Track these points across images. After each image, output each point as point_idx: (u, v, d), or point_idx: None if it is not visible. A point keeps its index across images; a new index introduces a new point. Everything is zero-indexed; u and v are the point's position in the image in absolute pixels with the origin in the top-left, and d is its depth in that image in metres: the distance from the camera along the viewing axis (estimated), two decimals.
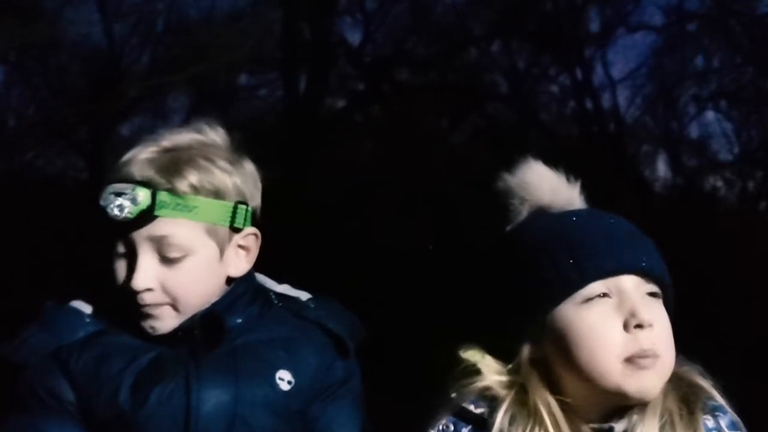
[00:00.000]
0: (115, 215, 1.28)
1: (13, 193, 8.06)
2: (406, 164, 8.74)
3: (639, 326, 1.18)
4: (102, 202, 1.29)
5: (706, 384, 1.24)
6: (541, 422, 1.19)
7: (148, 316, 1.32)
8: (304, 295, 1.48)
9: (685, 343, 1.27)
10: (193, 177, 1.31)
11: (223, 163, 1.35)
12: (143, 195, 1.28)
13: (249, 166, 1.40)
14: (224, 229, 1.35)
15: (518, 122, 10.28)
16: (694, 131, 10.70)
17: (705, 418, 1.22)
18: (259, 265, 1.45)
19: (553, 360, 1.23)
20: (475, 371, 1.24)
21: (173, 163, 1.31)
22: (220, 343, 1.34)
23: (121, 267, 1.32)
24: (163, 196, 1.29)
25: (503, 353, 1.26)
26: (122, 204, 1.28)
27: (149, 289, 1.30)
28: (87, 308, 1.37)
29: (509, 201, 1.33)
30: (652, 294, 1.23)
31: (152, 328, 1.33)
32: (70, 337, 1.33)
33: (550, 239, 1.25)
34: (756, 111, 9.88)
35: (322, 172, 8.91)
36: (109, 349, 1.33)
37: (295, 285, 1.52)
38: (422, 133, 9.45)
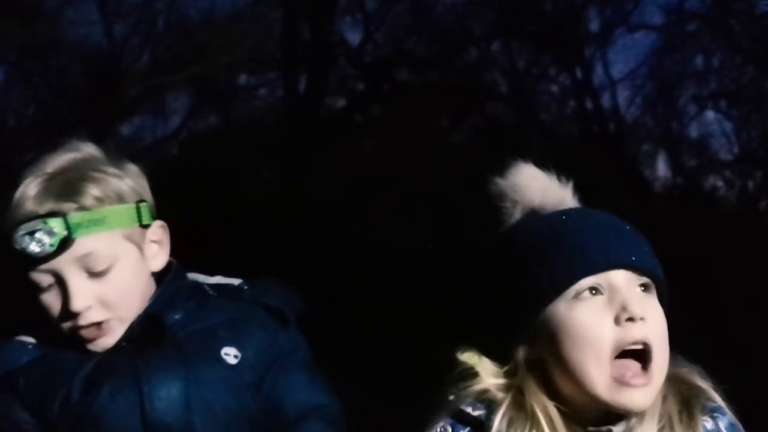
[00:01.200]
0: (36, 253, 1.29)
1: (13, 193, 8.05)
2: (406, 164, 8.74)
3: (630, 319, 1.17)
4: (18, 246, 1.30)
5: (705, 385, 1.24)
6: (538, 425, 1.19)
7: (95, 336, 1.34)
8: (236, 281, 1.51)
9: (685, 343, 1.27)
10: (93, 190, 1.34)
11: (111, 170, 1.38)
12: (57, 224, 1.30)
13: (132, 166, 1.44)
14: (137, 230, 1.39)
15: (518, 122, 10.27)
16: (694, 131, 10.69)
17: (704, 420, 1.22)
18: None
19: (547, 361, 1.23)
20: (472, 373, 1.24)
21: (68, 184, 1.34)
22: (163, 340, 1.36)
23: (52, 297, 1.34)
24: (74, 218, 1.31)
25: (502, 354, 1.26)
26: (40, 239, 1.29)
27: (88, 308, 1.32)
28: (30, 339, 1.40)
29: (502, 204, 1.34)
30: (644, 289, 1.22)
31: (101, 346, 1.35)
32: (15, 363, 1.36)
33: (540, 239, 1.26)
34: (756, 111, 9.87)
35: (322, 172, 8.90)
36: (54, 365, 1.36)
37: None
38: (422, 133, 9.45)
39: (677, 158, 10.49)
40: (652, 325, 1.19)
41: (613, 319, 1.18)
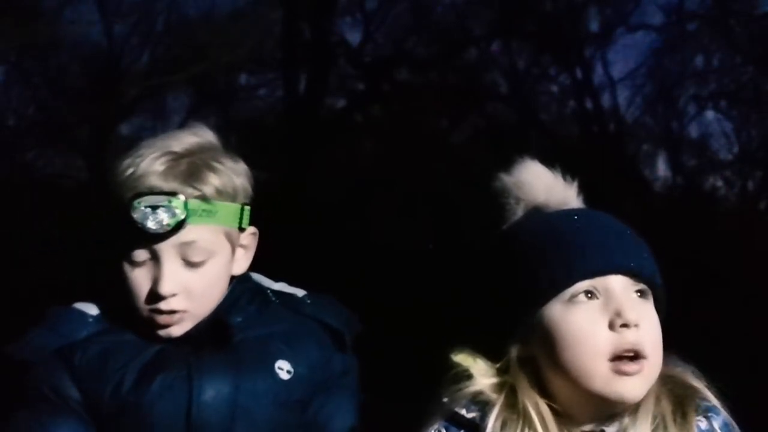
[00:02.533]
0: (153, 229, 1.29)
1: (13, 193, 8.06)
2: (406, 164, 8.75)
3: (624, 325, 1.18)
4: (137, 216, 1.29)
5: (699, 385, 1.24)
6: (530, 424, 1.19)
7: (167, 323, 1.33)
8: (300, 292, 1.50)
9: (684, 343, 1.27)
10: (215, 181, 1.34)
11: (231, 165, 1.38)
12: (179, 206, 1.30)
13: (244, 166, 1.42)
14: (235, 230, 1.39)
15: (518, 122, 10.28)
16: (694, 131, 10.71)
17: (698, 420, 1.22)
18: (260, 265, 1.47)
19: (541, 360, 1.23)
20: (466, 375, 1.24)
21: (193, 170, 1.33)
22: (225, 345, 1.35)
23: (141, 274, 1.33)
24: (193, 204, 1.31)
25: (500, 354, 1.26)
26: (159, 217, 1.29)
27: (174, 295, 1.32)
28: (91, 310, 1.39)
29: (505, 200, 1.33)
30: (641, 294, 1.22)
31: (168, 334, 1.34)
32: (73, 336, 1.35)
33: (541, 238, 1.25)
34: (756, 111, 9.88)
35: (322, 172, 8.91)
36: (112, 346, 1.34)
37: (296, 285, 1.52)
38: (422, 133, 9.45)
39: (677, 158, 10.50)
40: (646, 331, 1.19)
41: (607, 324, 1.18)
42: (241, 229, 1.40)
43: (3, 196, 7.77)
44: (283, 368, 1.37)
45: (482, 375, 1.24)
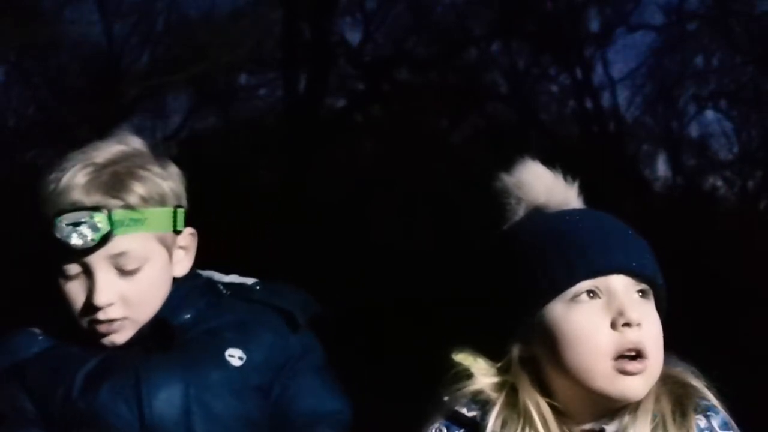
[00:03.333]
0: (76, 245, 1.29)
1: (13, 193, 8.06)
2: (406, 164, 8.74)
3: (627, 325, 1.18)
4: (59, 234, 1.29)
5: (698, 384, 1.24)
6: (531, 423, 1.20)
7: (107, 332, 1.34)
8: (250, 281, 1.50)
9: (684, 343, 1.27)
10: (139, 189, 1.34)
11: (157, 170, 1.38)
12: (101, 220, 1.30)
13: (175, 168, 1.43)
14: (170, 234, 1.39)
15: (518, 122, 10.28)
16: (694, 131, 10.70)
17: (697, 419, 1.22)
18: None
19: (542, 359, 1.23)
20: (467, 374, 1.24)
21: (116, 180, 1.33)
22: (171, 346, 1.36)
23: (76, 287, 1.34)
24: (118, 215, 1.31)
25: (501, 354, 1.26)
26: (82, 232, 1.29)
27: (111, 304, 1.32)
28: (39, 330, 1.41)
29: (506, 200, 1.33)
30: (642, 294, 1.23)
31: (111, 342, 1.35)
32: (23, 353, 1.37)
33: (542, 238, 1.26)
34: (756, 111, 9.88)
35: (322, 172, 8.91)
36: (59, 359, 1.36)
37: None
38: (422, 133, 9.45)
39: (677, 158, 10.50)
40: (648, 330, 1.20)
41: (609, 324, 1.19)
42: (177, 232, 1.40)
43: (3, 196, 7.77)
44: (234, 355, 1.36)
45: (483, 374, 1.25)
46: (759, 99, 9.61)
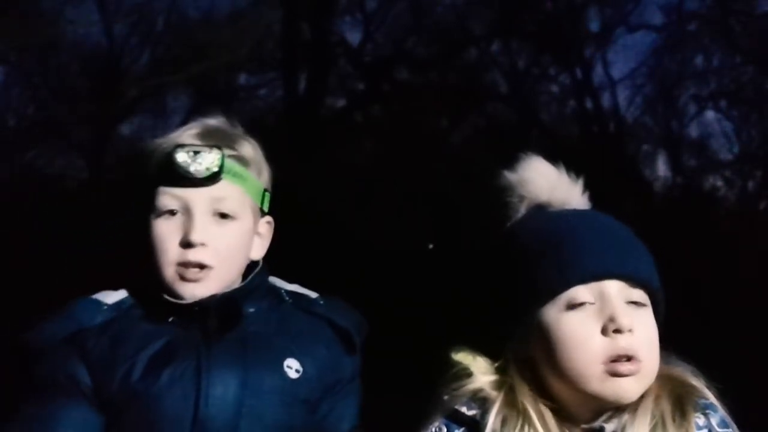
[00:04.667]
0: (194, 171, 1.33)
1: (13, 193, 8.06)
2: (406, 164, 8.75)
3: (617, 331, 1.18)
4: (179, 160, 1.34)
5: (697, 383, 1.24)
6: (530, 422, 1.20)
7: (194, 278, 1.34)
8: (313, 294, 1.50)
9: (684, 343, 1.27)
10: (248, 148, 1.41)
11: (255, 145, 1.45)
12: (217, 156, 1.35)
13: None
14: (258, 209, 1.43)
15: (518, 122, 10.28)
16: (694, 131, 10.72)
17: (696, 417, 1.22)
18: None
19: (538, 361, 1.23)
20: (467, 373, 1.24)
21: (230, 136, 1.41)
22: (234, 328, 1.35)
23: (170, 226, 1.35)
24: (229, 162, 1.36)
25: (499, 353, 1.26)
26: (200, 162, 1.34)
27: (204, 244, 1.34)
28: (107, 298, 1.40)
29: (508, 198, 1.33)
30: (637, 298, 1.22)
31: (192, 294, 1.34)
32: (87, 322, 1.35)
33: (539, 240, 1.25)
34: (756, 111, 9.88)
35: (322, 172, 8.91)
36: (124, 334, 1.35)
37: (296, 285, 1.53)
38: (422, 133, 9.45)
39: (677, 158, 10.50)
40: (640, 336, 1.19)
41: (601, 329, 1.18)
42: (262, 213, 1.44)
43: (3, 196, 7.77)
44: (292, 367, 1.36)
45: (482, 373, 1.24)
46: (759, 99, 9.61)
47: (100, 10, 9.41)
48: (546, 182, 1.31)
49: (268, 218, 1.46)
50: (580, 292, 1.20)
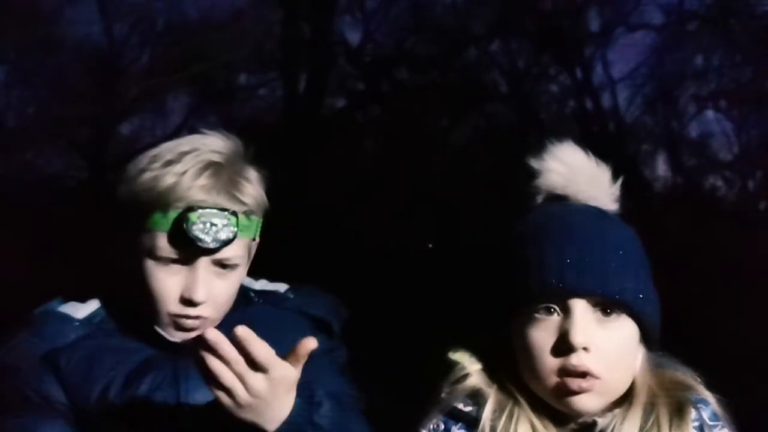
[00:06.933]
0: (206, 244, 1.28)
1: (13, 193, 8.06)
2: (406, 164, 8.75)
3: (569, 349, 1.14)
4: (194, 230, 1.27)
5: (689, 379, 1.23)
6: (525, 415, 1.19)
7: (191, 327, 1.33)
8: (282, 287, 1.50)
9: (682, 343, 1.27)
10: (252, 192, 1.33)
11: (255, 176, 1.37)
12: (235, 224, 1.29)
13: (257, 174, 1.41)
14: (252, 242, 1.39)
15: (518, 122, 10.28)
16: (694, 131, 10.72)
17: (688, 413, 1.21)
18: (260, 266, 1.46)
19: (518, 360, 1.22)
20: (464, 372, 1.24)
21: (233, 182, 1.32)
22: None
23: (172, 280, 1.31)
24: (242, 221, 1.31)
25: (494, 351, 1.26)
26: (216, 234, 1.28)
27: (205, 302, 1.31)
28: (77, 312, 1.38)
29: (526, 187, 1.27)
30: (607, 313, 1.16)
31: (183, 338, 1.33)
32: (60, 341, 1.34)
33: (522, 242, 1.22)
34: (756, 111, 9.88)
35: (322, 172, 8.91)
36: (99, 351, 1.34)
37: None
38: (422, 133, 9.45)
39: (677, 158, 10.50)
40: (598, 354, 1.14)
41: (557, 344, 1.14)
42: (253, 240, 1.40)
43: (3, 196, 7.77)
44: None
45: (478, 371, 1.24)
46: (759, 99, 9.61)
47: (100, 10, 9.41)
48: (564, 173, 1.25)
49: (257, 240, 1.43)
50: (543, 304, 1.17)
